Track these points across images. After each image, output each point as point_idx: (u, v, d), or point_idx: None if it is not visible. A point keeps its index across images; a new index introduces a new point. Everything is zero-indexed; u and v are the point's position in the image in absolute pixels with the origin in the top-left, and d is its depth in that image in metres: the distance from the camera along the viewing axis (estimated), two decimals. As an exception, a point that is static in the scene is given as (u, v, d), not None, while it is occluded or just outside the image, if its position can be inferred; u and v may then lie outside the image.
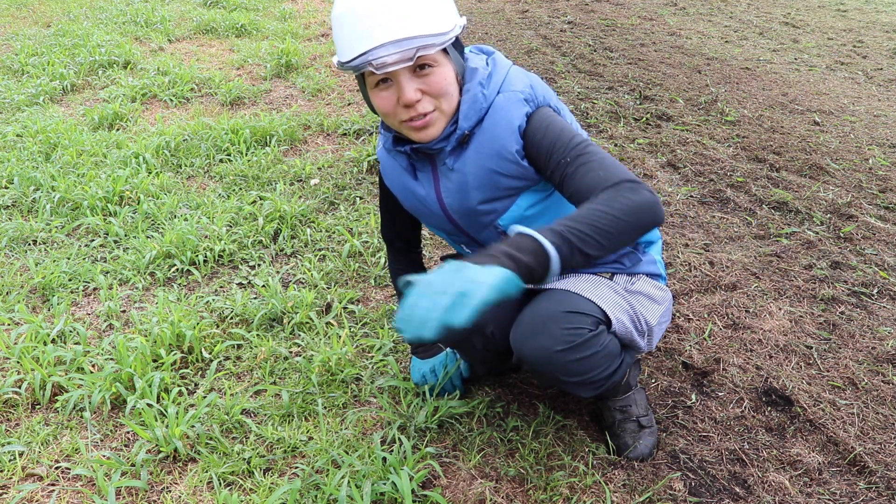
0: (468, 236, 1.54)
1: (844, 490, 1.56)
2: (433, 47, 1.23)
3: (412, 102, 1.28)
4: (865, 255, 2.51)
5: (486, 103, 1.35)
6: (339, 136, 3.64)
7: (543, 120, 1.35)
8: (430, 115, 1.31)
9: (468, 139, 1.38)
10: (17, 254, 2.57)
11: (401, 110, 1.30)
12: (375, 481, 1.51)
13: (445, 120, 1.35)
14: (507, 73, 1.39)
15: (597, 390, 1.54)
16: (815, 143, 3.50)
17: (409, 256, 1.80)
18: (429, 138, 1.35)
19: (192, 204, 2.90)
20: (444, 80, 1.29)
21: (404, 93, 1.26)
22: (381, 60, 1.21)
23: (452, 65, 1.32)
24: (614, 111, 3.92)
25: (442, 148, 1.38)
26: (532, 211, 1.43)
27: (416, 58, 1.22)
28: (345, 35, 1.25)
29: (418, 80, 1.27)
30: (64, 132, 3.55)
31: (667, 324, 1.65)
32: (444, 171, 1.43)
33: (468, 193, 1.42)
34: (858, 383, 1.88)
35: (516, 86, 1.37)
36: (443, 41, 1.24)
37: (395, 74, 1.26)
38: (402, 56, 1.21)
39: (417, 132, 1.34)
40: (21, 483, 1.60)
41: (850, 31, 5.95)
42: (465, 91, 1.35)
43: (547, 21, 6.09)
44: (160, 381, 1.84)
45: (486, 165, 1.37)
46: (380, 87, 1.29)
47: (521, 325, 1.48)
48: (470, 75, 1.36)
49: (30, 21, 6.12)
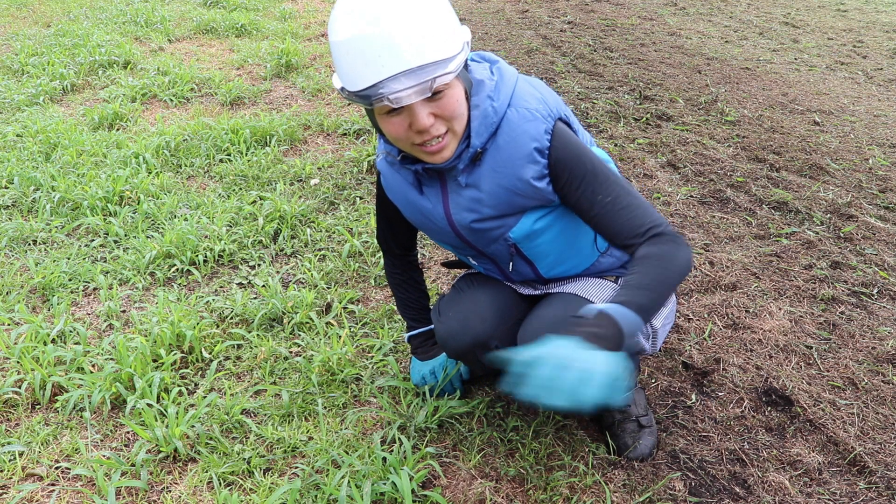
0: (476, 250, 1.52)
1: (844, 490, 1.56)
2: (449, 75, 1.16)
3: (426, 128, 1.23)
4: (865, 255, 2.51)
5: (497, 117, 1.31)
6: (339, 136, 3.64)
7: (569, 143, 1.33)
8: (444, 139, 1.27)
9: (481, 155, 1.35)
10: (17, 254, 2.57)
11: (413, 135, 1.25)
12: (375, 481, 1.51)
13: (458, 140, 1.31)
14: (515, 85, 1.35)
15: None
16: (815, 143, 3.50)
17: (406, 261, 1.79)
18: (442, 160, 1.31)
19: (192, 204, 2.90)
20: (455, 102, 1.25)
21: (418, 120, 1.21)
22: (399, 95, 1.14)
23: (461, 83, 1.27)
24: (614, 111, 3.92)
25: (454, 166, 1.35)
26: (541, 224, 1.42)
27: (433, 88, 1.16)
28: (351, 62, 1.16)
29: (431, 105, 1.22)
30: (64, 132, 3.55)
31: (670, 325, 1.65)
32: (454, 187, 1.40)
33: (481, 211, 1.39)
34: (858, 383, 1.88)
35: (529, 102, 1.33)
36: (457, 66, 1.18)
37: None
38: (420, 88, 1.14)
39: (431, 156, 1.30)
40: (21, 483, 1.60)
41: (850, 31, 5.95)
42: (473, 106, 1.30)
43: (547, 21, 6.09)
44: (160, 381, 1.84)
45: (503, 185, 1.35)
46: (391, 114, 1.23)
47: (529, 329, 1.48)
48: (477, 88, 1.31)
49: (30, 21, 6.12)
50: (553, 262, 1.52)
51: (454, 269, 2.05)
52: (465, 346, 1.57)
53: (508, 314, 1.59)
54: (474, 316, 1.56)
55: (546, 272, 1.55)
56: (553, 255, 1.50)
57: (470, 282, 1.68)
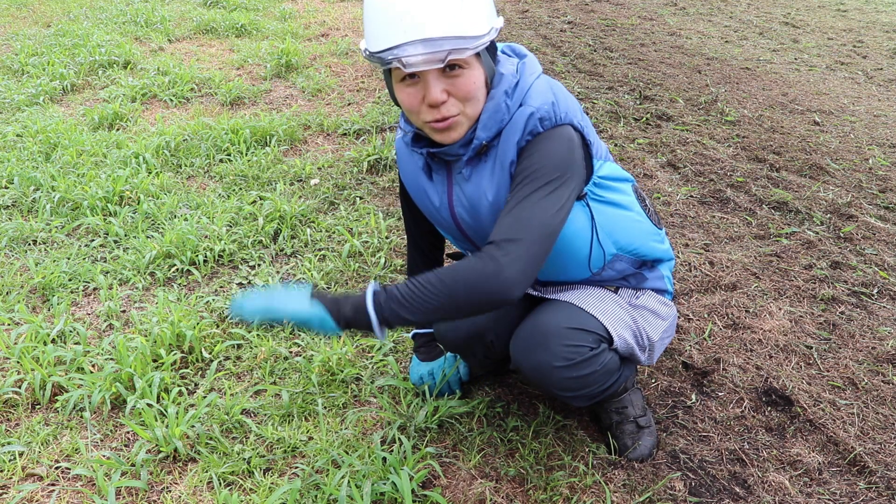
0: (474, 245, 1.52)
1: (844, 490, 1.56)
2: (466, 51, 1.18)
3: (438, 103, 1.23)
4: (865, 255, 2.51)
5: (508, 115, 1.30)
6: (339, 136, 3.64)
7: (552, 144, 1.28)
8: (455, 119, 1.27)
9: (486, 150, 1.34)
10: (17, 254, 2.57)
11: (425, 109, 1.26)
12: (375, 481, 1.51)
13: (469, 124, 1.30)
14: (531, 84, 1.32)
15: (589, 402, 1.55)
16: (815, 143, 3.51)
17: (430, 257, 1.77)
18: (450, 140, 1.31)
19: (192, 204, 2.90)
20: (472, 84, 1.24)
21: (430, 93, 1.22)
22: (410, 59, 1.16)
23: (483, 68, 1.27)
24: (614, 111, 3.92)
25: (459, 156, 1.34)
26: None
27: (446, 60, 1.17)
28: (376, 23, 1.20)
29: (446, 81, 1.22)
30: (64, 132, 3.55)
31: (669, 339, 1.64)
32: (458, 179, 1.40)
33: (478, 209, 1.39)
34: (858, 383, 1.88)
35: (535, 100, 1.30)
36: (476, 45, 1.19)
37: (423, 73, 1.22)
38: (432, 57, 1.16)
39: (440, 133, 1.30)
40: (21, 483, 1.60)
41: (850, 31, 5.95)
42: (489, 98, 1.29)
43: (547, 21, 6.09)
44: (160, 381, 1.84)
45: (499, 183, 1.34)
46: (406, 81, 1.24)
47: (522, 337, 1.47)
48: (497, 80, 1.31)
49: (30, 21, 6.12)
50: (548, 265, 1.51)
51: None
52: (461, 337, 1.57)
53: (506, 310, 1.59)
54: None
55: (540, 276, 1.55)
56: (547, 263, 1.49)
57: None
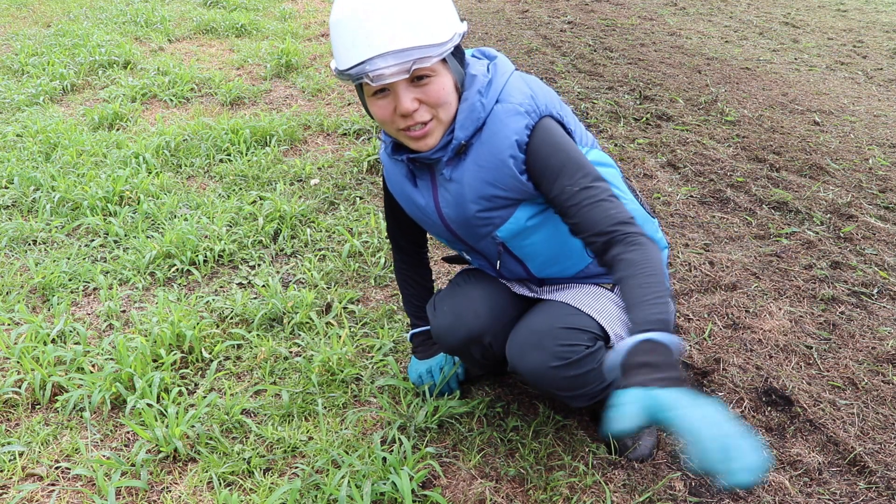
0: (467, 245, 1.53)
1: (844, 490, 1.56)
2: (430, 59, 1.20)
3: (409, 112, 1.26)
4: (865, 255, 2.51)
5: (485, 113, 1.33)
6: (339, 136, 3.64)
7: (549, 136, 1.32)
8: (428, 125, 1.30)
9: (466, 149, 1.36)
10: (17, 254, 2.57)
11: (398, 119, 1.29)
12: (375, 481, 1.51)
13: (443, 129, 1.33)
14: (506, 81, 1.36)
15: (589, 401, 1.55)
16: (815, 143, 3.50)
17: (415, 257, 1.80)
18: (427, 147, 1.34)
19: (192, 204, 2.90)
20: (441, 90, 1.28)
21: (401, 103, 1.25)
22: (378, 72, 1.19)
23: (451, 73, 1.30)
24: (614, 111, 3.92)
25: (439, 158, 1.37)
26: (532, 222, 1.42)
27: (412, 70, 1.20)
28: (342, 42, 1.23)
29: (416, 90, 1.26)
30: (64, 132, 3.55)
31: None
32: (441, 181, 1.42)
33: (465, 205, 1.40)
34: (858, 383, 1.87)
35: (515, 97, 1.33)
36: (440, 52, 1.22)
37: (392, 85, 1.25)
38: (399, 69, 1.19)
39: (416, 141, 1.33)
40: (21, 483, 1.60)
41: (850, 31, 5.95)
42: (463, 99, 1.33)
43: (547, 21, 6.09)
44: (160, 381, 1.84)
45: (484, 178, 1.36)
46: (377, 95, 1.28)
47: (518, 338, 1.48)
48: (469, 82, 1.34)
49: (30, 21, 6.12)
50: (544, 263, 1.52)
51: (455, 264, 2.05)
52: (458, 340, 1.58)
53: (503, 312, 1.59)
54: (468, 311, 1.57)
55: (538, 272, 1.55)
56: (543, 255, 1.50)
57: (467, 277, 1.68)
